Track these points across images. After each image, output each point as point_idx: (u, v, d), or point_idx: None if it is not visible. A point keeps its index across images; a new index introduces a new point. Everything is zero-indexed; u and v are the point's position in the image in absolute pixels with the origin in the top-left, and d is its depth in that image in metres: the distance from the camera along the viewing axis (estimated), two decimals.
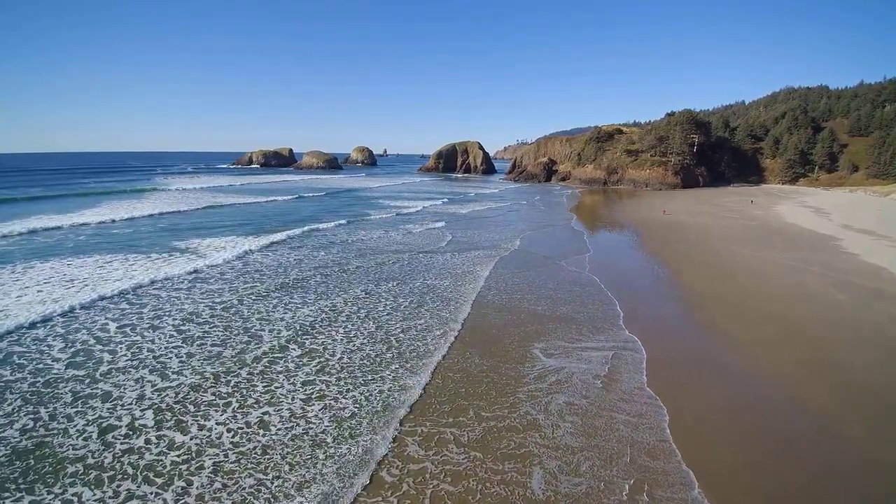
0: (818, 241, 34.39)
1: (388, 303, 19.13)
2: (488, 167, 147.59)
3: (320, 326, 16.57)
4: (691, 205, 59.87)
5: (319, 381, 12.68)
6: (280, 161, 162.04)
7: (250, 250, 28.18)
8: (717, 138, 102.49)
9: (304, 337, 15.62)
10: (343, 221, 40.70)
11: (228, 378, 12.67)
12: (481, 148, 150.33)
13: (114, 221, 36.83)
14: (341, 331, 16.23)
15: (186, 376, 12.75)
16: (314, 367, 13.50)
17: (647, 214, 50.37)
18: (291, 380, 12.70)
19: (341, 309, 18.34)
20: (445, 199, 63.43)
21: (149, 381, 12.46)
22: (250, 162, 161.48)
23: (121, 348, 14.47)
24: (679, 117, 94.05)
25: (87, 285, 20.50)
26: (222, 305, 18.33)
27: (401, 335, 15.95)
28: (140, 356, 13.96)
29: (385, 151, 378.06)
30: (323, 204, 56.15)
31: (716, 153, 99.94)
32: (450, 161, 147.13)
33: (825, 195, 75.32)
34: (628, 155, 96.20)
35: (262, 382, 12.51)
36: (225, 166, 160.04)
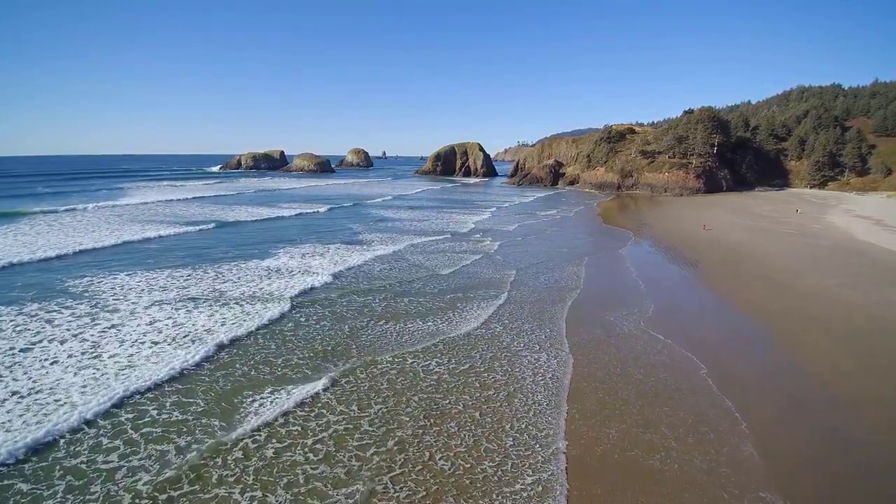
0: None
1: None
2: (489, 170, 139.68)
3: None
4: (729, 215, 52.13)
5: None
6: (270, 164, 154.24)
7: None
8: (738, 138, 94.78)
9: None
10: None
11: None
12: (482, 149, 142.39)
13: None
14: None
15: None
16: None
17: (686, 229, 42.58)
18: None
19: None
20: (490, 213, 54.11)
21: None
22: (239, 165, 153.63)
23: None
24: (699, 115, 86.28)
25: None
26: None
27: None
28: None
29: (384, 153, 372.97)
30: (315, 224, 44.72)
31: (737, 154, 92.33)
32: (448, 163, 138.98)
33: (865, 201, 67.96)
34: (644, 157, 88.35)
35: None
36: (216, 170, 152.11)
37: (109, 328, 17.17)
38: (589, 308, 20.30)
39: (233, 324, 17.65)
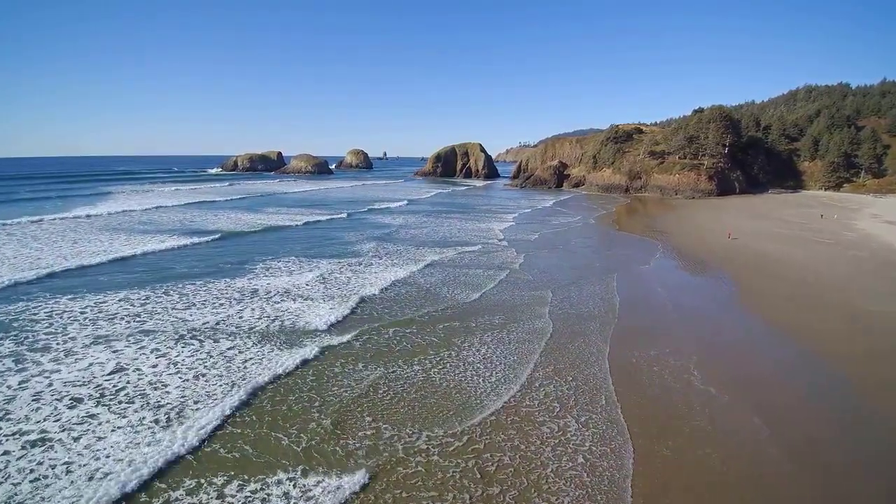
0: None
1: None
2: (491, 171, 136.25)
3: None
4: (750, 221, 48.74)
5: None
6: (267, 165, 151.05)
7: None
8: (749, 138, 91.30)
9: None
10: None
11: None
12: (483, 150, 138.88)
13: None
14: None
15: None
16: None
17: (710, 237, 39.19)
18: None
19: None
20: (513, 219, 50.73)
21: None
22: (235, 166, 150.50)
23: None
24: (710, 114, 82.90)
25: None
26: None
27: None
28: None
29: (385, 154, 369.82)
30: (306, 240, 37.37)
31: (748, 155, 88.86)
32: (449, 165, 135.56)
33: (886, 204, 64.87)
34: (652, 157, 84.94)
35: None
36: (214, 171, 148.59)
37: (38, 374, 13.89)
38: (629, 349, 16.71)
39: (190, 374, 14.27)
